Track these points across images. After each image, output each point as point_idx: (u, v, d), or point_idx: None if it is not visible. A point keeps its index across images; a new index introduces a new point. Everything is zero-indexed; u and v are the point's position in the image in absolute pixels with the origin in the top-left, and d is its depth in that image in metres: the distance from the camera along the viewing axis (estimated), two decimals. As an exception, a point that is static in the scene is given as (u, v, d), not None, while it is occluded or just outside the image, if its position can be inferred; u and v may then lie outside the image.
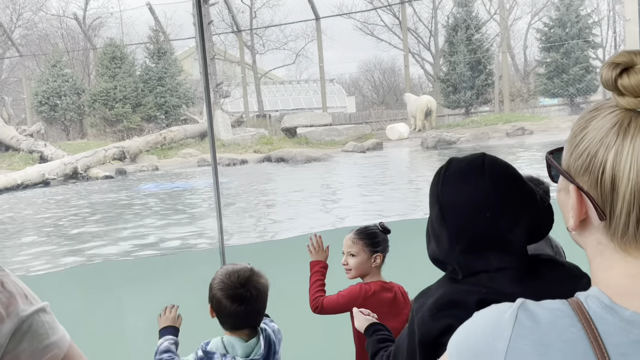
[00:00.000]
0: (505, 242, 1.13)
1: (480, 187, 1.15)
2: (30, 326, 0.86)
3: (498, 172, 1.17)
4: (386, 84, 38.28)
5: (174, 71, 25.41)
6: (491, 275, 1.13)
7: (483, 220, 1.13)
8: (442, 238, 1.18)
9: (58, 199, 12.80)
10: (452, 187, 1.18)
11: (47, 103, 24.44)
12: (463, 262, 1.15)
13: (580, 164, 0.72)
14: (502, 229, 1.13)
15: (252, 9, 29.17)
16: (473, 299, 1.09)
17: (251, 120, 25.67)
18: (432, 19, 30.35)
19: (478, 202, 1.14)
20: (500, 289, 1.10)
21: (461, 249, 1.15)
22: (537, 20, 28.51)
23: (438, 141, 18.24)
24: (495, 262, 1.14)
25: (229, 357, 1.81)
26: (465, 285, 1.15)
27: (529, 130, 18.81)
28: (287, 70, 35.62)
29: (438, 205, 1.19)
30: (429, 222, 1.24)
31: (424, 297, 1.21)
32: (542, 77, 24.60)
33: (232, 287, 1.81)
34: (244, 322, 1.85)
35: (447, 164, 1.23)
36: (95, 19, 28.27)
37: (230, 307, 1.80)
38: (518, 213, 1.14)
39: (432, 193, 1.23)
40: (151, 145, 19.59)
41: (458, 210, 1.16)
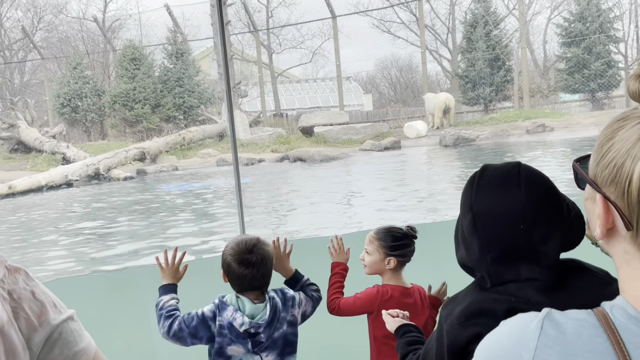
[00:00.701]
0: (538, 254, 1.13)
1: (516, 198, 1.13)
2: (60, 334, 0.89)
3: (534, 183, 1.16)
4: (403, 81, 38.08)
5: (191, 72, 25.61)
6: (519, 285, 1.13)
7: (516, 231, 1.13)
8: (472, 246, 1.18)
9: (87, 199, 13.01)
10: (486, 197, 1.17)
11: (69, 105, 24.81)
12: (493, 271, 1.15)
13: (607, 174, 0.72)
14: (535, 241, 1.12)
15: (269, 9, 29.25)
16: (502, 308, 1.09)
17: (268, 120, 25.76)
18: (450, 15, 30.11)
19: (512, 214, 1.13)
20: (528, 298, 1.10)
21: (492, 259, 1.15)
22: (556, 15, 28.12)
23: (457, 139, 18.09)
24: (525, 272, 1.13)
25: (238, 313, 2.04)
26: (493, 294, 1.14)
27: (549, 127, 18.55)
28: (304, 69, 35.67)
29: (471, 213, 1.18)
30: (459, 228, 1.24)
31: (453, 304, 1.22)
32: (562, 72, 24.25)
33: (240, 252, 2.06)
34: (250, 284, 2.08)
35: (480, 171, 1.22)
36: (114, 21, 28.61)
37: (238, 270, 2.05)
38: (552, 225, 1.13)
39: (465, 201, 1.21)
40: (171, 146, 19.78)
41: (491, 220, 1.15)
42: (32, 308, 0.88)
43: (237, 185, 3.64)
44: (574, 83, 23.55)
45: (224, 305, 2.07)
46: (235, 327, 2.02)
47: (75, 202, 12.82)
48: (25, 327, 0.85)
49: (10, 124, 21.02)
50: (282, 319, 2.11)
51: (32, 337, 0.86)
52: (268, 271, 2.09)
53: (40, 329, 0.87)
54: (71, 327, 0.92)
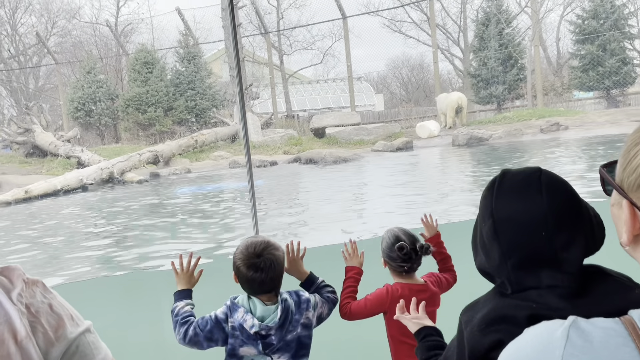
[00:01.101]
0: (560, 261, 1.11)
1: (538, 204, 1.12)
2: (77, 347, 0.90)
3: (555, 188, 1.14)
4: (414, 80, 37.97)
5: (203, 74, 25.75)
6: (541, 292, 1.11)
7: (538, 238, 1.11)
8: (492, 252, 1.16)
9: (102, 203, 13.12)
10: (507, 202, 1.15)
11: (83, 109, 25.07)
12: (513, 278, 1.14)
13: (633, 180, 0.71)
14: (557, 247, 1.11)
15: (279, 10, 29.32)
16: (523, 314, 1.08)
17: (280, 121, 25.81)
18: (461, 14, 29.96)
19: (534, 220, 1.11)
20: (550, 305, 1.08)
21: (512, 265, 1.13)
22: (569, 12, 27.85)
23: (469, 138, 17.99)
24: (547, 279, 1.11)
25: (249, 315, 2.05)
26: (515, 300, 1.13)
27: (564, 125, 18.36)
28: (315, 70, 35.72)
29: (491, 219, 1.16)
30: (478, 234, 1.22)
31: (472, 311, 1.20)
32: (576, 70, 24.00)
33: (249, 256, 2.06)
34: (260, 288, 2.09)
35: (500, 176, 1.19)
36: (126, 25, 28.87)
37: (247, 274, 2.05)
38: (574, 231, 1.12)
39: (485, 206, 1.19)
40: (183, 149, 19.90)
41: (512, 226, 1.13)
42: (49, 322, 0.88)
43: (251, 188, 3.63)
44: (588, 80, 23.30)
45: (236, 306, 2.09)
46: (246, 328, 2.05)
47: (91, 206, 12.94)
48: (43, 341, 0.86)
49: (25, 129, 21.29)
50: (295, 321, 2.12)
51: (50, 351, 0.87)
52: (277, 275, 2.09)
53: (57, 344, 0.88)
54: (88, 340, 0.92)
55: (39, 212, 12.50)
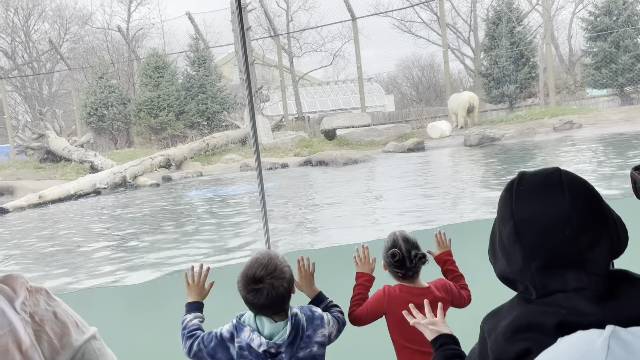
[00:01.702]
0: (586, 261, 1.07)
1: (560, 204, 1.09)
2: (83, 354, 0.89)
3: (577, 187, 1.11)
4: (425, 80, 37.81)
5: (214, 78, 25.88)
6: (568, 295, 1.07)
7: (562, 238, 1.08)
8: (514, 255, 1.13)
9: (115, 208, 13.22)
10: (527, 203, 1.12)
11: (96, 114, 25.31)
12: (538, 282, 1.10)
13: None
14: (582, 248, 1.07)
15: (289, 13, 29.39)
16: (551, 321, 1.03)
17: (290, 124, 25.85)
18: (471, 13, 29.81)
19: (557, 219, 1.08)
20: (579, 310, 1.04)
21: (536, 268, 1.10)
22: (581, 9, 27.56)
23: (481, 138, 17.85)
24: (573, 281, 1.07)
25: (255, 334, 2.00)
26: (541, 306, 1.09)
27: (577, 123, 18.16)
28: (325, 72, 35.74)
29: (512, 221, 1.13)
30: (497, 238, 1.18)
31: (496, 319, 1.16)
32: (589, 67, 23.74)
33: (249, 281, 2.00)
34: (261, 312, 2.04)
35: (518, 178, 1.17)
36: (138, 30, 29.12)
37: (246, 297, 2.01)
38: (600, 231, 1.09)
39: (504, 208, 1.16)
40: (195, 152, 20.01)
41: (535, 227, 1.10)
42: (54, 330, 0.88)
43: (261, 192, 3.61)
44: (601, 78, 23.04)
45: (241, 326, 2.04)
46: (254, 347, 1.99)
47: (105, 210, 13.04)
48: (48, 350, 0.86)
49: (39, 134, 21.53)
50: (307, 337, 2.06)
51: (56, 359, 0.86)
52: (279, 299, 2.00)
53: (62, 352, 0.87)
54: (94, 347, 0.92)
55: (52, 217, 12.63)
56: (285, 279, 2.02)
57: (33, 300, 0.89)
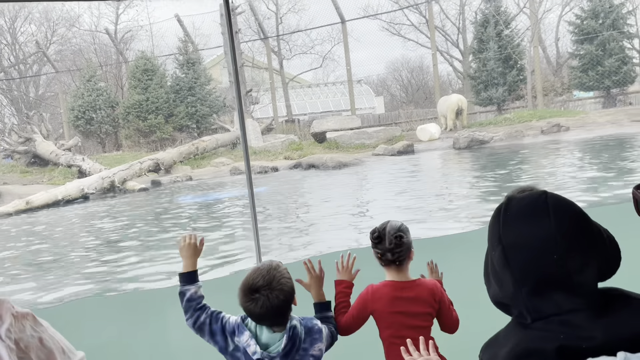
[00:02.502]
0: (575, 284, 1.08)
1: (546, 227, 1.10)
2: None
3: (563, 210, 1.12)
4: (414, 83, 37.94)
5: (203, 80, 25.77)
6: (563, 319, 1.07)
7: (550, 261, 1.08)
8: (505, 281, 1.13)
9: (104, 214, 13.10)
10: (514, 228, 1.13)
11: (83, 117, 25.08)
12: (531, 305, 1.10)
13: None
14: (571, 271, 1.08)
15: (278, 15, 29.34)
16: (552, 346, 1.03)
17: (280, 126, 25.81)
18: (460, 15, 29.95)
19: (544, 243, 1.09)
20: (577, 333, 1.04)
21: (527, 292, 1.10)
22: (568, 12, 27.81)
23: (470, 141, 17.96)
24: (566, 304, 1.08)
25: (253, 340, 2.02)
26: (539, 332, 1.08)
27: (564, 126, 18.32)
28: (314, 74, 35.69)
29: (500, 246, 1.13)
30: (489, 263, 1.19)
31: (494, 347, 1.15)
32: (576, 70, 23.98)
33: (247, 291, 2.02)
34: (259, 321, 2.07)
35: (506, 202, 1.17)
36: (126, 33, 28.89)
37: (244, 306, 2.03)
38: (587, 253, 1.09)
39: (493, 233, 1.17)
40: (184, 156, 19.90)
41: (522, 251, 1.10)
42: (39, 357, 0.86)
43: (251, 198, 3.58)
44: (588, 80, 23.29)
45: (243, 328, 2.07)
46: (249, 354, 2.03)
47: (94, 217, 12.92)
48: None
49: (26, 138, 21.31)
50: (303, 350, 2.07)
51: None
52: (275, 309, 2.01)
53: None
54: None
55: (41, 223, 12.49)
56: (282, 291, 2.02)
57: (19, 327, 0.87)
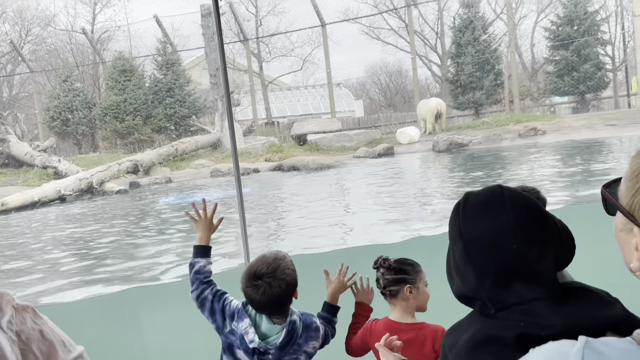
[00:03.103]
0: (535, 273, 1.12)
1: (503, 219, 1.13)
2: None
3: (519, 203, 1.16)
4: (393, 86, 38.26)
5: (182, 81, 25.57)
6: (525, 308, 1.10)
7: (510, 252, 1.11)
8: (468, 274, 1.16)
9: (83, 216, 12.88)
10: (473, 222, 1.16)
11: (59, 118, 24.65)
12: (494, 297, 1.13)
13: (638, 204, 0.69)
14: (530, 260, 1.11)
15: (258, 17, 29.30)
16: (511, 334, 1.06)
17: (260, 128, 25.75)
18: (438, 20, 30.31)
19: (503, 235, 1.12)
20: (537, 321, 1.07)
21: (490, 284, 1.13)
22: (543, 18, 28.39)
23: (450, 144, 18.18)
24: (527, 293, 1.11)
25: (252, 329, 2.03)
26: (500, 320, 1.11)
27: (541, 130, 18.68)
28: (294, 77, 35.71)
29: (461, 241, 1.17)
30: (452, 259, 1.21)
31: (457, 333, 1.18)
32: (552, 75, 24.49)
33: (249, 277, 2.02)
34: (259, 310, 2.06)
35: (464, 198, 1.21)
36: (103, 33, 28.50)
37: (245, 291, 2.03)
38: (544, 242, 1.13)
39: (454, 229, 1.20)
40: (164, 158, 19.70)
41: (483, 244, 1.14)
42: (41, 349, 0.86)
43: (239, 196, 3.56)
44: (563, 85, 23.80)
45: (243, 314, 2.07)
46: (246, 341, 2.04)
47: (72, 219, 12.69)
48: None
49: (0, 139, 20.84)
50: (297, 345, 2.07)
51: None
52: (275, 298, 2.00)
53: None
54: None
55: (17, 225, 12.22)
56: (285, 280, 2.01)
57: (19, 319, 0.87)
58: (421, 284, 2.27)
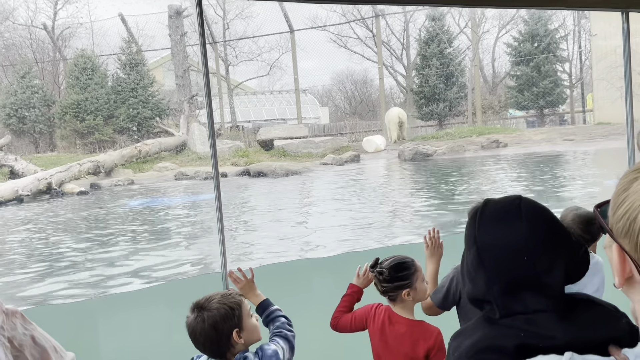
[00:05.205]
0: (543, 285, 1.14)
1: (518, 230, 1.16)
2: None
3: (535, 214, 1.19)
4: (358, 95, 38.62)
5: (146, 82, 25.07)
6: (529, 318, 1.13)
7: (521, 262, 1.14)
8: (478, 279, 1.19)
9: (42, 218, 12.42)
10: (489, 230, 1.19)
11: (16, 115, 23.75)
12: (501, 303, 1.16)
13: (621, 226, 0.72)
14: (539, 272, 1.14)
15: (225, 20, 29.09)
16: (511, 343, 1.09)
17: (226, 132, 25.52)
18: (404, 32, 30.83)
19: (515, 245, 1.15)
20: (538, 332, 1.10)
21: (498, 291, 1.16)
22: (504, 34, 29.28)
23: (415, 153, 18.48)
24: (533, 304, 1.14)
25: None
26: (503, 328, 1.15)
27: (503, 142, 19.22)
28: (259, 81, 35.58)
29: (475, 247, 1.20)
30: (465, 263, 1.25)
31: (462, 337, 1.21)
32: (512, 90, 25.26)
33: (191, 307, 1.95)
34: (195, 345, 1.93)
35: (482, 205, 1.23)
36: (64, 29, 27.66)
37: (187, 329, 1.93)
38: (555, 255, 1.16)
39: (469, 235, 1.23)
40: (126, 159, 19.25)
41: (495, 252, 1.17)
42: (33, 355, 0.84)
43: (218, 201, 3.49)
44: (523, 100, 24.57)
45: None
46: None
47: (31, 221, 12.22)
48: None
49: (-49, 135, 19.92)
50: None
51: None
52: (200, 333, 1.89)
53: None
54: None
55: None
56: (211, 317, 1.89)
57: (10, 324, 0.85)
58: (418, 282, 2.33)
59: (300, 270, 6.00)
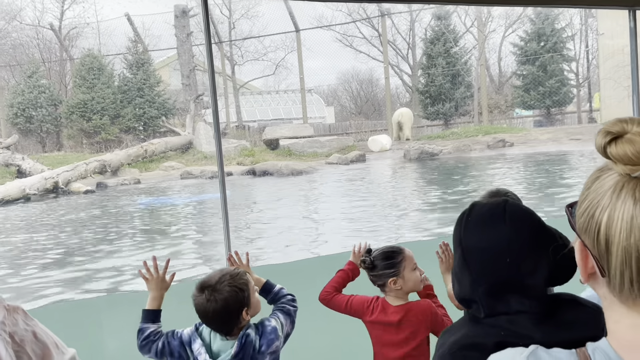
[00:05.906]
0: (526, 286, 1.17)
1: (501, 233, 1.18)
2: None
3: (518, 218, 1.21)
4: (363, 94, 38.59)
5: (152, 82, 25.15)
6: (511, 318, 1.16)
7: (504, 264, 1.17)
8: (463, 280, 1.22)
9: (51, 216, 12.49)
10: (473, 232, 1.22)
11: (23, 115, 23.89)
12: (485, 303, 1.19)
13: (582, 223, 0.75)
14: (523, 274, 1.16)
15: (231, 20, 29.15)
16: (492, 341, 1.12)
17: (232, 131, 25.57)
18: (410, 31, 30.78)
19: (499, 247, 1.17)
20: (518, 332, 1.13)
21: (483, 292, 1.19)
22: (510, 33, 29.16)
23: (421, 153, 18.45)
24: (516, 305, 1.17)
25: (203, 349, 1.99)
26: (485, 327, 1.18)
27: (509, 142, 19.16)
28: (265, 81, 35.63)
29: (460, 248, 1.23)
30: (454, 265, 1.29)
31: (447, 335, 1.25)
32: (518, 89, 25.16)
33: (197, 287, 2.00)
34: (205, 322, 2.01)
35: (469, 208, 1.26)
36: (71, 29, 27.79)
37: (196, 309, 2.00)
38: (538, 258, 1.18)
39: (455, 237, 1.26)
40: (132, 158, 19.32)
41: (479, 254, 1.20)
42: (34, 351, 0.85)
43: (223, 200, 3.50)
44: (529, 99, 24.47)
45: (195, 337, 2.05)
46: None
47: (40, 219, 12.29)
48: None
49: (-41, 135, 20.07)
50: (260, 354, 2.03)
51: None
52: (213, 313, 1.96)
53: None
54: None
55: None
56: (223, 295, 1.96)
57: (11, 320, 0.85)
58: (406, 271, 2.33)
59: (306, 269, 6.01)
